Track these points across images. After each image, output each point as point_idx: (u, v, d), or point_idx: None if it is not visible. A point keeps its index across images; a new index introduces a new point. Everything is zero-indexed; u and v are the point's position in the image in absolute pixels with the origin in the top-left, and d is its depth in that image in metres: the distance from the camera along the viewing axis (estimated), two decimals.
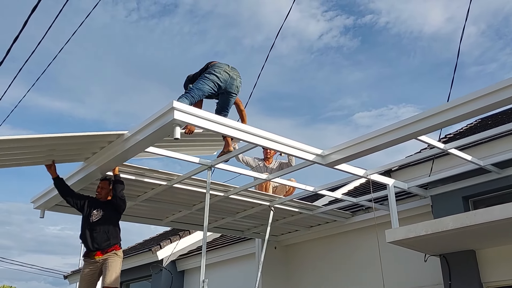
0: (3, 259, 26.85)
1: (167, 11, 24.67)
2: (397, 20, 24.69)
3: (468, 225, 4.66)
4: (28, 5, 4.76)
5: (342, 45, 26.84)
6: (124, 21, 21.13)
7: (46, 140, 4.29)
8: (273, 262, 8.27)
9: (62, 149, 4.64)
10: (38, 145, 4.39)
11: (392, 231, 5.30)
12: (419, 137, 4.42)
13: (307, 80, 26.48)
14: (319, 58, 27.63)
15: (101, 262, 4.78)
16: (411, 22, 23.61)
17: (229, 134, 4.30)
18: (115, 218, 4.99)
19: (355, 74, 26.97)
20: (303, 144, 4.78)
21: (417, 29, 23.61)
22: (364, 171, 5.43)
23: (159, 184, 5.53)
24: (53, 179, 4.90)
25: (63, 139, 4.37)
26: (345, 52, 27.39)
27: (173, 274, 10.27)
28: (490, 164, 5.37)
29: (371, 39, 26.64)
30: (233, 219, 7.01)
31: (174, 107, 3.83)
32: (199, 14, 22.31)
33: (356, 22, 24.01)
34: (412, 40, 23.92)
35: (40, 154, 4.70)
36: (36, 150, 4.57)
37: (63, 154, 4.79)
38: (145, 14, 23.12)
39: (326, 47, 27.09)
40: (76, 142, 4.47)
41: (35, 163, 4.94)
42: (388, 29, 24.57)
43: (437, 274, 5.84)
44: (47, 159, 4.82)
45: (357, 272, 7.16)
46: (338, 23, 24.31)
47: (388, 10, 23.90)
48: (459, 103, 3.99)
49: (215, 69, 4.92)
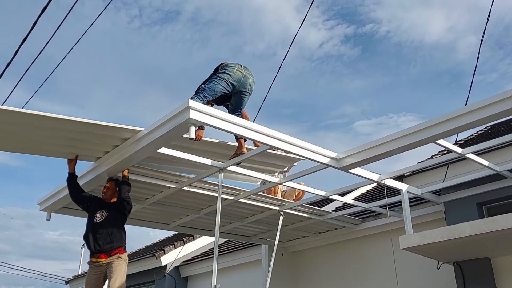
0: (2, 263, 26.58)
1: (169, 19, 24.71)
2: (398, 30, 24.72)
3: (486, 232, 4.55)
4: (31, 10, 4.70)
5: (342, 53, 26.86)
6: (127, 27, 21.13)
7: (69, 124, 4.10)
8: (280, 269, 8.13)
9: (81, 139, 4.44)
10: (60, 128, 4.19)
11: (406, 238, 5.19)
12: (437, 141, 4.32)
13: (308, 88, 26.47)
14: (320, 67, 27.66)
15: (105, 266, 4.62)
16: (412, 32, 23.65)
17: (244, 135, 4.21)
18: (120, 220, 4.86)
19: (356, 82, 26.96)
20: (318, 147, 4.69)
21: (418, 38, 23.63)
22: (378, 175, 5.33)
23: (168, 187, 5.43)
24: (69, 173, 4.79)
25: (85, 126, 4.19)
26: (345, 61, 27.41)
27: (176, 280, 10.14)
28: (506, 170, 5.27)
29: (371, 48, 26.66)
30: (241, 224, 6.90)
31: (190, 106, 3.74)
32: (201, 22, 22.34)
33: (357, 31, 24.04)
34: (413, 49, 23.94)
35: (61, 142, 4.52)
36: (57, 135, 4.36)
37: (81, 146, 4.62)
38: (147, 21, 23.15)
39: (326, 56, 27.12)
40: (95, 133, 4.29)
41: (56, 153, 4.74)
42: (388, 38, 24.60)
43: (451, 282, 5.72)
44: (68, 151, 4.66)
45: (366, 280, 7.03)
46: (339, 32, 24.35)
47: (389, 19, 23.93)
48: (478, 107, 3.92)
49: (228, 68, 4.84)
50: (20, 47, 5.08)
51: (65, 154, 4.77)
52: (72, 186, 4.82)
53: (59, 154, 4.78)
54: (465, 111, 4.01)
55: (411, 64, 25.90)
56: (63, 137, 4.42)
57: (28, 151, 4.78)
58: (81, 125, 4.19)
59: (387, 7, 24.47)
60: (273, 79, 5.90)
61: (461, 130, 4.21)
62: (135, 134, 4.31)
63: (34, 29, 4.67)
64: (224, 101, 5.16)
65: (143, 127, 4.25)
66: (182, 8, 21.87)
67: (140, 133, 4.26)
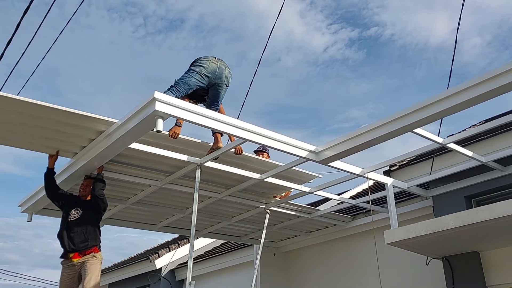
0: (12, 274, 26.61)
1: (174, 27, 24.76)
2: (402, 32, 24.57)
3: (470, 223, 4.42)
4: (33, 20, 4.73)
5: (347, 57, 26.74)
6: (131, 36, 21.21)
7: (49, 111, 3.98)
8: (273, 269, 8.03)
9: (59, 130, 4.28)
10: (41, 117, 4.05)
11: (391, 232, 5.07)
12: (415, 129, 4.20)
13: (313, 92, 26.34)
14: (325, 71, 27.55)
15: (79, 265, 4.52)
16: (416, 34, 23.48)
17: (217, 129, 4.11)
18: (95, 218, 4.75)
19: (361, 86, 26.80)
20: (295, 140, 4.58)
21: (423, 41, 23.46)
22: (361, 169, 5.21)
23: (149, 185, 5.35)
24: (47, 168, 4.67)
25: (63, 115, 4.05)
26: (350, 65, 27.27)
27: (171, 283, 10.05)
28: (492, 161, 5.14)
29: (376, 51, 26.52)
30: (229, 223, 6.80)
31: (156, 98, 3.65)
32: (205, 29, 22.34)
33: (361, 34, 23.92)
34: (418, 52, 23.76)
35: (41, 134, 4.34)
36: (37, 126, 4.20)
37: (59, 139, 4.44)
38: (152, 29, 23.23)
39: (331, 60, 27.01)
40: (73, 123, 4.15)
41: (36, 146, 4.58)
42: (393, 41, 24.45)
43: (440, 278, 5.59)
44: (47, 145, 4.51)
45: (358, 277, 6.90)
46: (343, 36, 24.24)
47: (393, 22, 23.79)
48: (457, 90, 3.75)
49: (201, 61, 4.76)
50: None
51: (45, 148, 4.61)
52: (49, 182, 4.71)
53: (39, 147, 4.59)
54: (444, 96, 3.82)
55: (416, 67, 25.71)
56: (42, 128, 4.23)
57: (7, 142, 4.62)
58: (59, 114, 4.03)
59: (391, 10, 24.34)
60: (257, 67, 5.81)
61: (441, 116, 4.05)
62: (109, 127, 4.19)
63: (40, 39, 4.71)
64: (204, 98, 5.06)
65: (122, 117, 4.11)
66: (186, 16, 21.93)
67: (111, 127, 4.18)
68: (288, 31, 18.17)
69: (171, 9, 21.22)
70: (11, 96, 3.86)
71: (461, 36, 20.52)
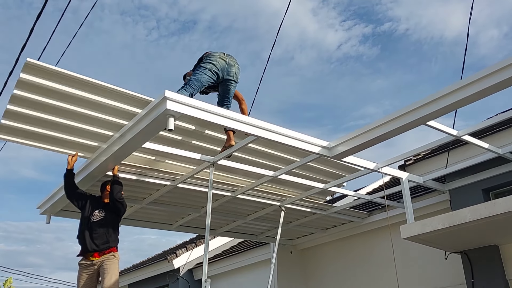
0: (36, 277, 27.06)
1: (186, 28, 24.90)
2: (417, 26, 24.27)
3: (487, 216, 4.35)
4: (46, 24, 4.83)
5: (361, 54, 26.52)
6: (145, 40, 21.40)
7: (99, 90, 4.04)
8: (290, 267, 8.02)
9: (105, 112, 4.27)
10: (88, 99, 4.08)
11: (407, 227, 5.02)
12: (428, 122, 4.15)
13: (328, 90, 26.23)
14: (339, 68, 27.38)
15: (98, 264, 4.58)
16: (431, 28, 23.16)
17: (229, 126, 4.12)
18: (116, 221, 4.83)
19: (377, 82, 26.55)
20: (308, 136, 4.57)
21: (438, 34, 23.12)
22: (375, 164, 5.17)
23: (163, 185, 5.39)
24: (67, 170, 4.74)
25: (114, 95, 4.12)
26: (365, 61, 27.05)
27: (190, 283, 10.10)
28: (509, 153, 5.05)
29: (391, 46, 26.24)
30: (244, 221, 6.81)
31: (167, 97, 3.68)
32: (218, 30, 22.41)
33: (375, 30, 23.70)
34: (433, 45, 23.44)
35: (85, 109, 4.20)
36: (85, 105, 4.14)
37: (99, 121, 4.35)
38: (165, 32, 23.39)
39: (345, 57, 26.83)
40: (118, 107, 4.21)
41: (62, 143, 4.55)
42: (408, 35, 24.17)
43: (459, 272, 5.51)
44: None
45: (376, 274, 6.85)
46: (357, 32, 24.05)
47: (407, 16, 23.51)
48: (471, 80, 3.68)
49: (210, 58, 4.78)
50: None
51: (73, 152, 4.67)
52: (68, 183, 4.78)
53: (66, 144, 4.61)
54: (457, 87, 3.76)
55: (432, 61, 25.35)
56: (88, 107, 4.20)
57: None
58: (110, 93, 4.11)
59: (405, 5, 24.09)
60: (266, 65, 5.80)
61: (454, 108, 3.98)
62: (146, 105, 4.08)
63: (55, 45, 4.79)
64: (214, 89, 5.08)
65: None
66: (198, 17, 22.04)
67: (123, 127, 4.23)
68: (301, 29, 18.11)
69: (184, 11, 21.36)
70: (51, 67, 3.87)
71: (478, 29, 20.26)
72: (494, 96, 3.80)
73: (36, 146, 4.56)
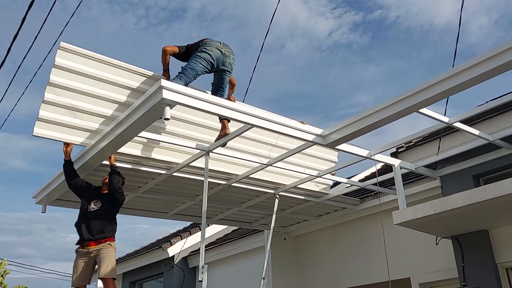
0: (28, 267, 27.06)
1: (176, 17, 24.73)
2: (407, 14, 24.32)
3: (478, 201, 4.46)
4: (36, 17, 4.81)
5: (352, 41, 26.53)
6: (134, 28, 21.23)
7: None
8: (283, 253, 8.13)
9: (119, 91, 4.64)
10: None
11: (399, 213, 5.12)
12: (421, 109, 4.22)
13: (319, 78, 26.27)
14: (330, 56, 27.41)
15: (94, 252, 4.62)
16: (422, 16, 23.22)
17: (224, 115, 4.16)
18: (112, 211, 4.86)
19: (368, 70, 26.64)
20: (302, 124, 4.63)
21: (428, 22, 23.18)
22: (368, 151, 5.25)
23: (159, 174, 5.43)
24: (65, 160, 4.76)
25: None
26: (355, 49, 27.09)
27: (184, 271, 10.19)
28: (499, 139, 5.14)
29: (381, 34, 26.29)
30: (239, 209, 6.88)
31: (163, 86, 3.71)
32: (208, 18, 22.27)
33: (365, 18, 23.70)
34: (423, 33, 23.50)
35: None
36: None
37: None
38: (154, 20, 23.22)
39: (336, 45, 26.85)
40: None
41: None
42: (398, 23, 24.22)
43: (450, 257, 5.63)
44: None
45: (368, 259, 6.98)
46: (347, 20, 24.04)
47: (397, 4, 23.54)
48: (462, 68, 3.73)
49: (206, 47, 4.80)
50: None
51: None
52: (68, 173, 4.81)
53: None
54: (449, 74, 3.80)
55: (423, 49, 25.45)
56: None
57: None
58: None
59: None
60: None
61: (445, 96, 4.04)
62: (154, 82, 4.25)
63: (44, 35, 4.82)
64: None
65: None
66: (188, 5, 21.88)
67: (119, 116, 4.27)
68: (292, 17, 18.08)
69: None
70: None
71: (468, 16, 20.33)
72: (485, 84, 3.88)
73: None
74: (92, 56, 4.47)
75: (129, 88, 4.69)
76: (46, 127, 4.38)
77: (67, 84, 4.37)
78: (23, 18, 4.75)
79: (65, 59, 4.33)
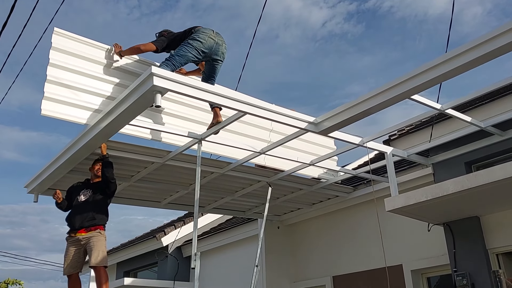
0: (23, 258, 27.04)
1: (169, 6, 24.55)
2: (401, 4, 24.28)
3: (469, 188, 4.48)
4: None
5: (346, 31, 26.49)
6: (126, 18, 21.06)
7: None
8: (277, 242, 8.16)
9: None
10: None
11: (391, 199, 5.14)
12: (413, 96, 4.22)
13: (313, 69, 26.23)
14: (324, 46, 27.36)
15: (84, 240, 4.62)
16: (416, 5, 23.20)
17: (216, 102, 4.14)
18: (103, 200, 4.86)
19: (362, 60, 26.64)
20: (294, 112, 4.62)
21: (422, 12, 23.17)
22: (360, 139, 5.25)
23: (151, 162, 5.41)
24: (57, 203, 4.92)
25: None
26: (349, 39, 27.05)
27: (178, 260, 10.21)
28: (491, 126, 5.16)
29: (375, 24, 26.26)
30: (232, 198, 6.88)
31: (153, 73, 3.68)
32: (201, 8, 22.13)
33: (360, 7, 23.64)
34: (417, 23, 23.48)
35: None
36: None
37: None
38: (146, 10, 23.04)
39: (330, 35, 26.80)
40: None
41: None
42: (392, 13, 24.18)
43: (442, 243, 5.67)
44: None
45: (361, 246, 7.02)
46: (341, 10, 23.97)
47: None
48: (454, 54, 3.72)
49: (199, 34, 4.75)
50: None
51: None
52: (63, 208, 4.94)
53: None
54: (441, 60, 3.78)
55: (417, 39, 25.44)
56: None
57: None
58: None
59: None
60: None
61: (438, 82, 4.02)
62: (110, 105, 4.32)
63: (34, 25, 4.88)
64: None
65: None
66: None
67: (110, 104, 4.24)
68: (285, 7, 18.01)
69: None
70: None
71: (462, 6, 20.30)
72: (478, 72, 3.87)
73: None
74: (85, 40, 4.69)
75: (124, 71, 4.87)
76: (52, 107, 4.36)
77: (66, 63, 4.53)
78: (12, 6, 4.70)
79: (61, 42, 4.55)
